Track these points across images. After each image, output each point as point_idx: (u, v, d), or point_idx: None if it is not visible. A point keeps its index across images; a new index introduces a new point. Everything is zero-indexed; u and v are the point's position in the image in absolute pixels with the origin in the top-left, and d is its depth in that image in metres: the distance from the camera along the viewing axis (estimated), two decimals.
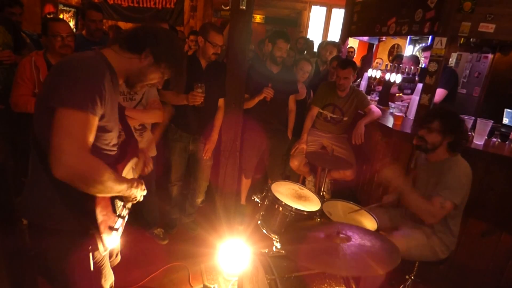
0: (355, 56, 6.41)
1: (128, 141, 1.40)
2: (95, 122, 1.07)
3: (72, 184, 1.01)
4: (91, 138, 1.06)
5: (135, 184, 1.25)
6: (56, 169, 0.97)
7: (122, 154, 1.32)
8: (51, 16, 5.21)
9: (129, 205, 1.35)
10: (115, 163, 1.26)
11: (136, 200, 1.32)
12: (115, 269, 1.48)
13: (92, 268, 1.22)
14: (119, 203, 1.27)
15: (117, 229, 1.26)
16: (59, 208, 1.12)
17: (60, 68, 1.09)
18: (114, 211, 1.24)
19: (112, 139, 1.23)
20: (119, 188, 1.16)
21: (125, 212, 1.32)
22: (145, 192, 1.34)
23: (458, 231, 1.99)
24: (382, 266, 1.22)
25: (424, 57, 3.62)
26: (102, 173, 1.06)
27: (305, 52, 5.15)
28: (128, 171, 1.34)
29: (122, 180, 1.18)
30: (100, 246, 1.19)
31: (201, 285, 2.27)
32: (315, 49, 5.07)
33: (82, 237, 1.17)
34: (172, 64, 1.25)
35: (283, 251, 1.96)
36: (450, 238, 1.96)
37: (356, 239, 1.37)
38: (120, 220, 1.28)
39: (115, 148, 1.27)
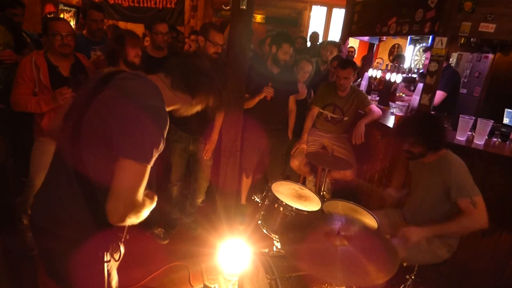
0: (355, 56, 6.42)
1: None
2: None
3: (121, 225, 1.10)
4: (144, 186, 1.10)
5: (153, 200, 1.31)
6: (113, 216, 1.03)
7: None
8: (52, 15, 5.21)
9: None
10: None
11: None
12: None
13: (106, 274, 1.24)
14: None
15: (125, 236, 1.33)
16: (87, 221, 1.14)
17: (132, 112, 1.06)
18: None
19: None
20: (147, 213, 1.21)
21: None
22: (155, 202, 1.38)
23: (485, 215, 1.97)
24: (381, 272, 1.21)
25: (426, 58, 3.58)
26: (145, 209, 1.14)
27: (309, 45, 5.17)
28: None
29: (151, 203, 1.24)
30: (117, 253, 1.25)
31: (202, 285, 2.27)
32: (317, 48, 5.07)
33: (97, 242, 1.19)
34: (218, 97, 1.31)
35: (283, 251, 1.96)
36: (453, 240, 1.96)
37: (356, 239, 1.37)
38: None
39: None
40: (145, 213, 1.15)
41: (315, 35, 5.83)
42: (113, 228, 1.16)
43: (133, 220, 1.10)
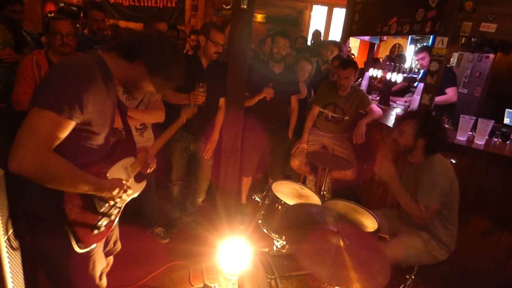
0: (355, 56, 6.41)
1: (120, 142, 1.39)
2: (69, 125, 1.06)
3: (29, 178, 1.02)
4: (57, 139, 1.05)
5: (112, 186, 1.23)
6: (10, 162, 0.98)
7: (111, 153, 1.32)
8: (52, 15, 5.22)
9: (119, 204, 1.34)
10: (101, 161, 1.26)
11: (117, 201, 1.30)
12: (116, 268, 1.49)
13: (74, 258, 1.22)
14: (101, 202, 1.26)
15: (99, 227, 1.25)
16: (40, 197, 1.14)
17: (51, 69, 1.11)
18: (94, 209, 1.23)
19: (99, 140, 1.22)
20: (85, 188, 1.14)
21: (112, 211, 1.31)
22: (130, 195, 1.33)
23: (457, 228, 1.99)
24: (364, 285, 1.20)
25: (419, 59, 3.58)
26: (60, 171, 1.06)
27: (312, 43, 5.17)
28: (117, 171, 1.32)
29: (90, 180, 1.15)
30: (73, 243, 1.18)
31: (202, 284, 2.27)
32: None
33: (62, 230, 1.17)
34: (166, 77, 1.24)
35: (284, 250, 1.96)
36: (449, 238, 1.96)
37: (353, 244, 1.37)
38: (104, 219, 1.27)
39: (100, 147, 1.25)
40: (75, 183, 1.09)
41: (317, 33, 5.82)
42: (58, 212, 1.14)
43: (43, 178, 1.03)
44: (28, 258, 1.39)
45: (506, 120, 3.68)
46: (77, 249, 1.20)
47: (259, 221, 2.10)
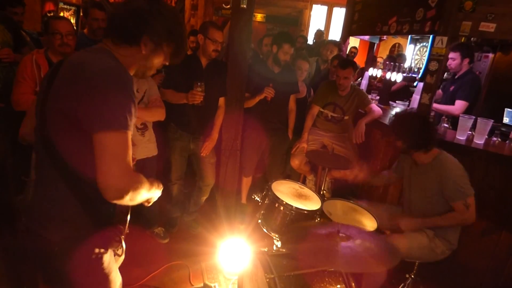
0: (357, 56, 6.40)
1: None
2: (131, 136, 1.04)
3: (123, 203, 1.03)
4: (131, 154, 1.03)
5: (155, 186, 1.26)
6: (109, 194, 0.97)
7: None
8: (51, 14, 5.21)
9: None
10: None
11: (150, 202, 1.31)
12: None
13: (102, 272, 1.21)
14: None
15: (124, 233, 1.29)
16: (75, 213, 1.10)
17: (87, 83, 0.98)
18: (125, 218, 1.27)
19: None
20: (149, 196, 1.18)
21: (129, 216, 1.33)
22: (161, 189, 1.34)
23: (460, 231, 2.00)
24: (382, 264, 1.22)
25: (450, 58, 3.17)
26: (143, 187, 1.07)
27: (314, 42, 5.16)
28: None
29: (153, 186, 1.19)
30: (119, 249, 1.21)
31: (202, 284, 2.27)
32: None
33: (94, 240, 1.15)
34: (173, 39, 1.16)
35: (283, 250, 1.96)
36: (453, 234, 1.98)
37: (356, 238, 1.38)
38: (126, 225, 1.30)
39: None
40: (144, 191, 1.08)
41: (319, 33, 5.82)
42: (112, 224, 1.14)
43: (132, 197, 1.02)
44: (29, 259, 1.39)
45: (506, 120, 3.69)
46: (119, 252, 1.24)
47: (259, 221, 2.10)
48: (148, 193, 1.15)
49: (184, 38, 1.21)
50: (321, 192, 2.46)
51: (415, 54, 5.77)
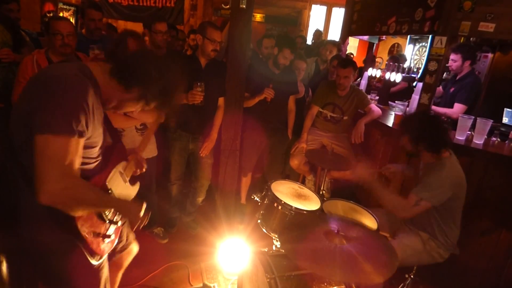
0: (354, 56, 6.41)
1: (111, 148, 1.36)
2: (81, 143, 1.03)
3: (58, 208, 1.01)
4: (77, 161, 1.02)
5: (129, 207, 1.23)
6: (40, 196, 0.96)
7: (105, 162, 1.28)
8: (51, 14, 5.21)
9: None
10: (98, 172, 1.24)
11: (136, 222, 1.28)
12: (115, 266, 1.49)
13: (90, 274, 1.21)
14: (107, 211, 1.25)
15: (109, 236, 1.25)
16: (48, 226, 1.10)
17: (40, 86, 1.02)
18: (102, 219, 1.22)
19: (94, 153, 1.19)
20: (105, 205, 1.16)
21: (118, 217, 1.30)
22: (142, 210, 1.30)
23: (458, 234, 1.99)
24: (378, 273, 1.21)
25: (451, 60, 3.14)
26: (89, 197, 1.05)
27: (312, 42, 5.17)
28: (114, 177, 1.31)
29: (110, 201, 1.17)
30: (88, 257, 1.18)
31: (201, 284, 2.27)
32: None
33: (73, 249, 1.15)
34: (160, 103, 1.19)
35: (283, 250, 1.96)
36: (449, 241, 1.96)
37: (355, 240, 1.37)
38: (112, 226, 1.27)
39: (98, 158, 1.23)
40: (91, 199, 1.07)
41: (318, 33, 5.82)
42: (69, 230, 1.11)
43: (68, 203, 1.01)
44: (28, 264, 1.39)
45: (505, 120, 3.68)
46: (94, 262, 1.20)
47: (258, 221, 2.10)
48: (103, 202, 1.13)
49: (169, 101, 1.22)
50: (321, 192, 2.46)
51: (414, 54, 5.78)
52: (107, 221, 1.24)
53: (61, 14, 5.83)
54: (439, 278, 2.33)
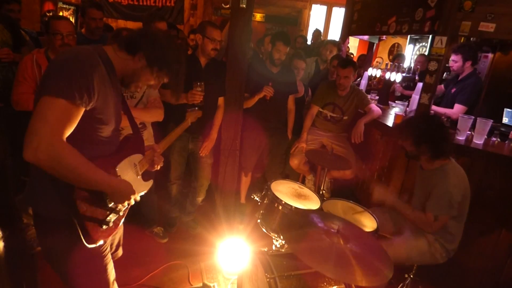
0: (354, 55, 6.41)
1: (130, 137, 1.41)
2: (79, 112, 1.07)
3: (43, 168, 1.02)
4: (70, 127, 1.06)
5: (121, 186, 1.23)
6: (25, 151, 0.98)
7: (120, 148, 1.32)
8: (51, 14, 5.20)
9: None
10: (110, 155, 1.27)
11: (123, 202, 1.27)
12: (114, 267, 1.48)
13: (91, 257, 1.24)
14: (108, 198, 1.24)
15: (107, 223, 1.25)
16: (50, 196, 1.15)
17: (54, 60, 1.13)
18: (104, 204, 1.22)
19: (107, 131, 1.23)
20: (98, 184, 1.14)
21: (121, 207, 1.29)
22: (137, 198, 1.32)
23: (461, 236, 2.00)
24: (367, 279, 1.22)
25: (452, 60, 3.18)
26: (75, 163, 1.05)
27: (311, 42, 5.17)
28: (126, 166, 1.32)
29: (102, 176, 1.15)
30: (82, 237, 1.17)
31: (201, 284, 2.27)
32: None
33: (71, 227, 1.16)
34: (165, 70, 1.27)
35: (283, 250, 1.96)
36: (452, 244, 1.97)
37: (354, 242, 1.38)
38: (112, 215, 1.26)
39: (109, 139, 1.25)
40: (87, 177, 1.09)
41: (317, 33, 5.81)
42: (69, 205, 1.13)
43: (51, 165, 1.02)
44: (27, 258, 1.39)
45: (505, 120, 3.69)
46: (86, 244, 1.19)
47: (258, 221, 2.10)
48: (96, 180, 1.12)
49: (180, 77, 1.33)
50: (321, 192, 2.46)
51: (414, 54, 5.78)
52: (109, 208, 1.24)
53: (60, 14, 5.82)
54: (438, 277, 2.33)
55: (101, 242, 1.25)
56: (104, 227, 1.24)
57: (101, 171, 1.15)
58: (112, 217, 1.27)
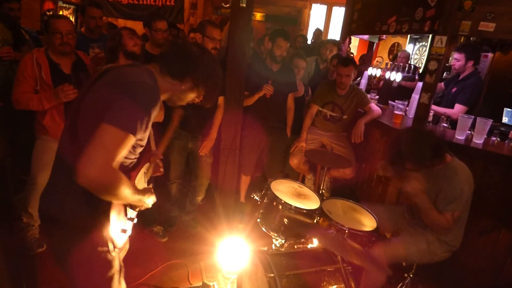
0: (355, 55, 6.41)
1: (146, 150, 1.44)
2: (132, 142, 1.11)
3: (89, 189, 1.05)
4: (122, 155, 1.10)
5: (147, 195, 1.31)
6: (80, 176, 1.01)
7: (137, 161, 1.36)
8: (50, 13, 5.20)
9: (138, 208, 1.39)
10: (130, 170, 1.31)
11: (144, 207, 1.37)
12: None
13: (109, 270, 1.26)
14: (131, 208, 1.32)
15: (125, 231, 1.31)
16: (80, 203, 1.16)
17: (120, 86, 1.13)
18: (126, 214, 1.29)
19: (139, 151, 1.29)
20: (132, 200, 1.22)
21: (134, 215, 1.36)
22: (154, 200, 1.39)
23: (462, 233, 1.99)
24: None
25: (454, 59, 3.15)
26: (121, 188, 1.10)
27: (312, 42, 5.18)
28: (140, 177, 1.39)
29: (137, 192, 1.24)
30: (109, 244, 1.23)
31: (200, 283, 2.27)
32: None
33: (94, 235, 1.20)
34: (209, 85, 1.33)
35: (282, 249, 1.97)
36: (454, 241, 1.96)
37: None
38: (129, 223, 1.33)
39: (137, 156, 1.32)
40: (124, 193, 1.12)
41: (318, 33, 5.81)
42: (102, 215, 1.17)
43: (103, 190, 1.07)
44: (28, 258, 1.39)
45: (505, 119, 3.69)
46: (114, 253, 1.26)
47: (258, 220, 2.10)
48: (132, 197, 1.19)
49: (217, 86, 1.38)
50: (320, 192, 2.46)
51: (414, 54, 5.78)
52: (128, 217, 1.31)
53: (60, 13, 5.82)
54: (438, 277, 2.33)
55: (120, 246, 1.31)
56: (123, 234, 1.30)
57: (136, 188, 1.23)
58: (129, 225, 1.33)
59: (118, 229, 1.25)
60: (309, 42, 5.73)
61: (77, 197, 1.14)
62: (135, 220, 1.38)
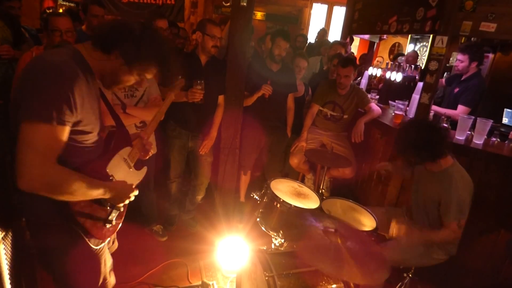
0: (355, 54, 6.39)
1: (114, 133, 1.35)
2: (64, 131, 1.03)
3: (39, 193, 1.00)
4: (59, 148, 1.02)
5: (118, 187, 1.22)
6: (19, 182, 0.96)
7: (107, 147, 1.29)
8: (50, 11, 5.19)
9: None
10: (99, 157, 1.24)
11: (124, 201, 1.28)
12: (114, 265, 1.49)
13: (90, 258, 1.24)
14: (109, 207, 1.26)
15: (110, 221, 1.25)
16: (46, 205, 1.12)
17: (27, 73, 1.03)
18: (101, 204, 1.22)
19: (92, 138, 1.19)
20: (95, 194, 1.13)
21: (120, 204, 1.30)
22: (135, 192, 1.31)
23: (460, 236, 1.99)
24: (362, 277, 1.24)
25: (458, 60, 3.13)
26: (69, 184, 1.03)
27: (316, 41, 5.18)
28: (116, 163, 1.31)
29: (97, 185, 1.13)
30: (89, 243, 1.19)
31: (200, 282, 2.27)
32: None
33: (72, 230, 1.17)
34: (147, 65, 1.15)
35: (282, 248, 1.97)
36: (451, 245, 1.96)
37: (352, 241, 1.39)
38: (114, 212, 1.27)
39: (95, 144, 1.22)
40: (77, 188, 1.05)
41: (323, 32, 5.79)
42: (68, 217, 1.13)
43: (53, 193, 1.01)
44: (27, 258, 1.39)
45: (505, 120, 3.69)
46: (93, 246, 1.21)
47: (258, 219, 2.10)
48: (91, 192, 1.11)
49: (166, 67, 1.20)
50: (320, 191, 2.46)
51: None
52: (108, 206, 1.25)
53: (60, 11, 5.81)
54: (437, 277, 2.33)
55: (107, 240, 1.27)
56: (108, 225, 1.25)
57: (96, 181, 1.13)
58: (114, 215, 1.27)
59: (96, 222, 1.21)
60: (310, 41, 5.71)
61: (42, 198, 1.07)
62: (122, 209, 1.33)
